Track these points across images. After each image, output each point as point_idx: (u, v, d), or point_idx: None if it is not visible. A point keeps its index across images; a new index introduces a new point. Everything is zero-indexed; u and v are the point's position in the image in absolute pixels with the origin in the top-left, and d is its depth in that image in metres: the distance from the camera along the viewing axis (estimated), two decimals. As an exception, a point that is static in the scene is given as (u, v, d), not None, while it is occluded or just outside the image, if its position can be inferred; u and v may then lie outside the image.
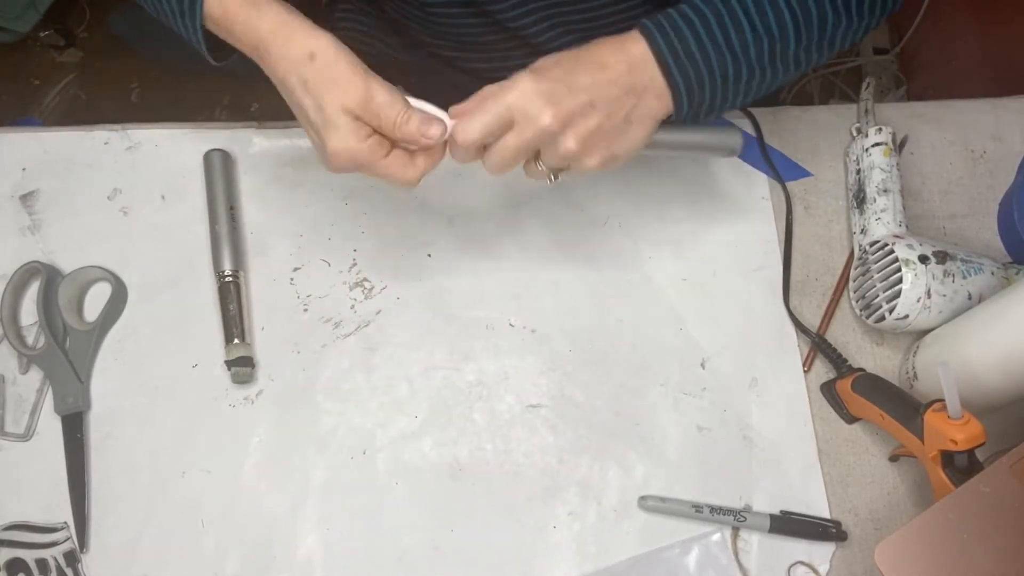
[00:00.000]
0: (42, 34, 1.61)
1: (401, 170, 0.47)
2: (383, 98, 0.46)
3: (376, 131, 0.47)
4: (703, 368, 0.60)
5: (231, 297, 0.60)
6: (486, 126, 0.47)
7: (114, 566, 0.54)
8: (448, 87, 0.79)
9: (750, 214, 0.65)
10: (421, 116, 0.47)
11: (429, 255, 0.63)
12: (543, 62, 0.49)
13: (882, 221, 0.60)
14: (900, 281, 0.55)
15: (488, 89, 0.48)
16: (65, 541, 0.55)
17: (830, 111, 0.69)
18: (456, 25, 0.68)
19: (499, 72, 0.72)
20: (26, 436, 0.58)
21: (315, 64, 0.45)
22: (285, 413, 0.59)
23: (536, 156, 0.49)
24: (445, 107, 0.49)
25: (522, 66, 0.69)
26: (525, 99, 0.46)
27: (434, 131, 0.47)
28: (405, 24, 0.73)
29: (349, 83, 0.45)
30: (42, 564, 0.54)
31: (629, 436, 0.58)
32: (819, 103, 1.53)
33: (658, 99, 0.48)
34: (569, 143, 0.46)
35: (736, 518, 0.55)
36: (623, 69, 0.47)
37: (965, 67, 1.32)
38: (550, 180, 0.50)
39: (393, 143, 0.48)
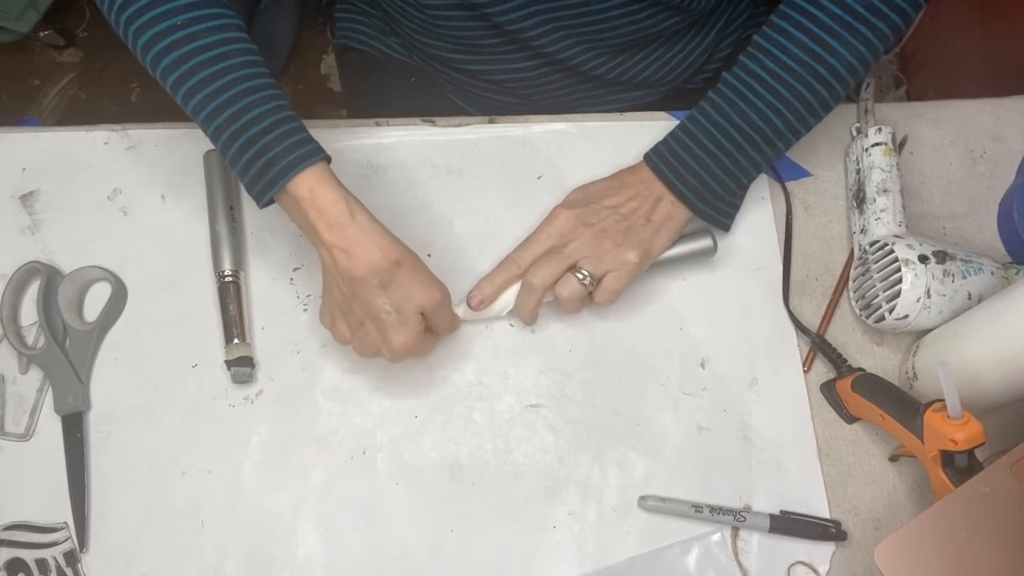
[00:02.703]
0: (42, 34, 1.61)
1: (428, 348, 0.58)
2: (448, 300, 0.55)
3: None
4: (703, 368, 0.60)
5: (231, 297, 0.60)
6: (528, 244, 0.60)
7: (114, 566, 0.54)
8: (448, 88, 0.79)
9: (750, 214, 0.65)
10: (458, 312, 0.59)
11: (429, 255, 0.63)
12: (575, 197, 0.62)
13: (882, 221, 0.60)
14: (900, 281, 0.55)
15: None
16: (65, 541, 0.55)
17: (830, 111, 0.69)
18: (456, 28, 0.68)
19: (499, 75, 0.72)
20: (26, 436, 0.58)
21: (401, 270, 0.51)
22: (285, 413, 0.59)
23: (574, 266, 0.57)
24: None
25: (521, 68, 0.73)
26: (564, 225, 0.59)
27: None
28: (405, 25, 0.73)
29: (432, 287, 0.52)
30: (42, 564, 0.54)
31: (629, 436, 0.58)
32: (819, 103, 1.53)
33: (673, 205, 0.59)
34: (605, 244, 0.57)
35: (736, 518, 0.55)
36: (641, 187, 0.60)
37: (965, 67, 1.32)
38: (591, 293, 0.58)
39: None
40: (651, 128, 0.66)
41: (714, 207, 0.60)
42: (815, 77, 0.55)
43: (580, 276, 0.56)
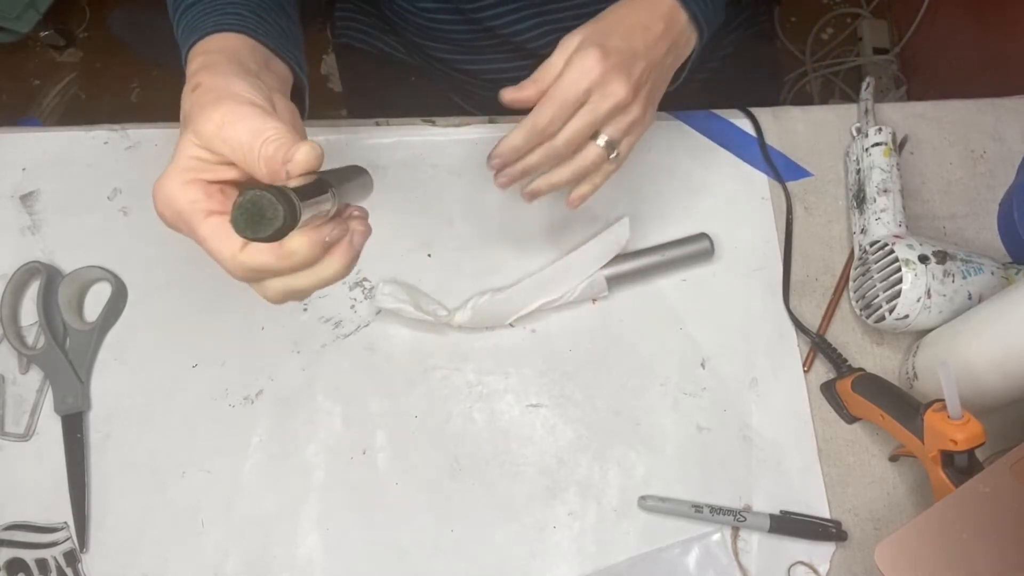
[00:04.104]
0: (42, 34, 1.61)
1: (224, 242, 0.36)
2: (251, 123, 0.37)
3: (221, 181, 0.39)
4: (703, 368, 0.60)
5: (231, 297, 0.60)
6: (561, 108, 0.46)
7: (114, 566, 0.54)
8: (447, 87, 0.79)
9: (750, 214, 0.65)
10: (290, 140, 0.36)
11: (429, 255, 0.63)
12: (594, 31, 0.48)
13: (882, 221, 0.60)
14: (900, 281, 0.55)
15: (547, 72, 0.47)
16: (65, 541, 0.55)
17: (830, 111, 0.69)
18: (450, 31, 0.68)
19: (497, 74, 0.72)
20: (26, 436, 0.58)
21: (196, 94, 0.39)
22: (285, 413, 0.59)
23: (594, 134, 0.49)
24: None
25: (519, 68, 0.69)
26: (600, 77, 0.46)
27: (302, 156, 0.35)
28: (403, 27, 0.73)
29: (214, 107, 0.37)
30: (42, 564, 0.54)
31: (629, 436, 0.58)
32: (819, 103, 1.53)
33: (687, 46, 0.52)
34: (636, 110, 0.48)
35: (736, 518, 0.55)
36: (663, 27, 0.49)
37: (965, 67, 1.32)
38: (610, 157, 0.49)
39: None
40: (651, 127, 0.66)
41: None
42: None
43: (601, 143, 0.49)
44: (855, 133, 0.66)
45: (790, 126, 0.68)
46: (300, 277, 0.37)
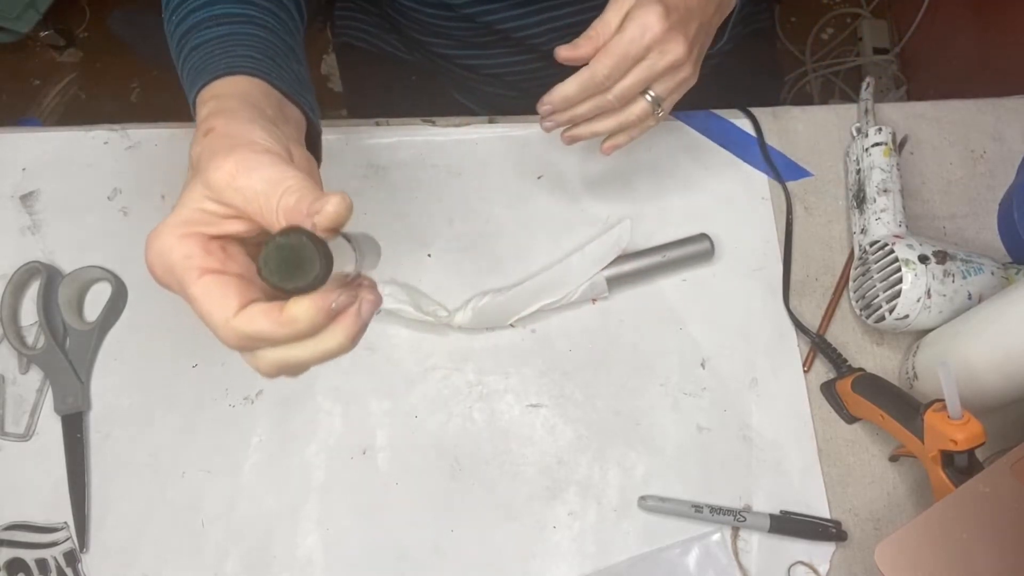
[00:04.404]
0: (42, 34, 1.61)
1: (216, 304, 0.32)
2: (269, 172, 0.33)
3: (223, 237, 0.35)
4: (703, 368, 0.60)
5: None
6: (620, 62, 0.47)
7: (114, 566, 0.54)
8: (449, 83, 0.79)
9: (750, 214, 0.65)
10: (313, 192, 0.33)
11: (429, 255, 0.63)
12: None
13: (882, 221, 0.60)
14: (900, 281, 0.55)
15: (602, 28, 0.47)
16: (65, 541, 0.55)
17: (830, 111, 0.69)
18: (452, 28, 0.68)
19: (498, 68, 0.72)
20: (26, 436, 0.58)
21: (208, 139, 0.36)
22: (285, 413, 0.59)
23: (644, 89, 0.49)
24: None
25: (522, 63, 0.68)
26: (661, 34, 0.46)
27: (332, 208, 0.31)
28: (404, 23, 0.73)
29: (227, 154, 0.34)
30: (42, 564, 0.54)
31: (629, 436, 0.58)
32: (819, 103, 1.53)
33: (729, 5, 0.52)
34: (688, 68, 0.49)
35: (736, 518, 0.55)
36: None
37: (965, 67, 1.32)
38: (656, 113, 0.50)
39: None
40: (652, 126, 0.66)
41: None
42: None
43: (649, 98, 0.50)
44: (855, 133, 0.66)
45: (790, 126, 0.68)
46: (299, 348, 0.33)
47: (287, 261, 0.29)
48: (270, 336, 0.32)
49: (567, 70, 0.69)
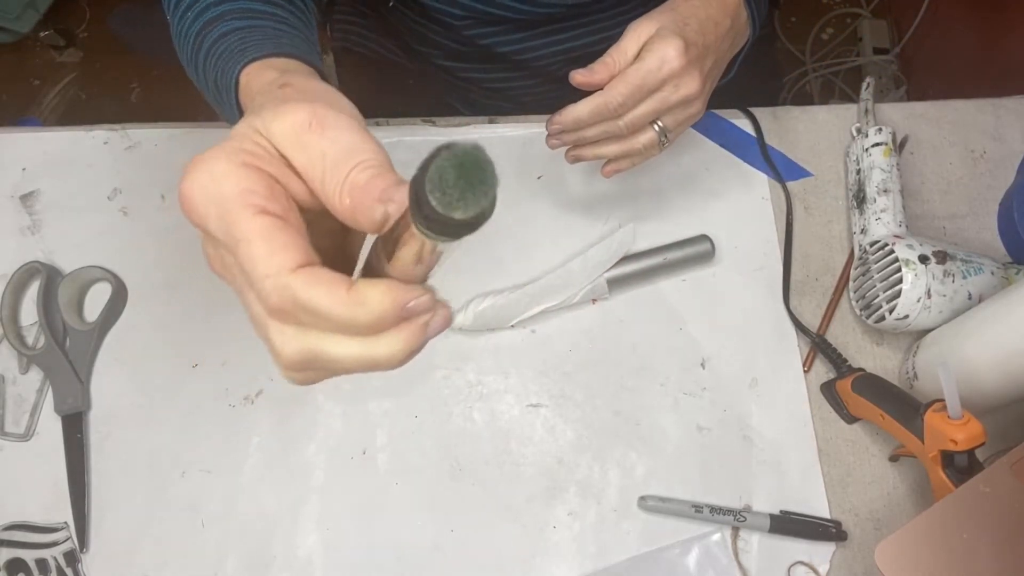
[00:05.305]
0: (42, 34, 1.61)
1: (274, 251, 0.26)
2: (347, 136, 0.28)
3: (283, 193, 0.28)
4: (703, 368, 0.60)
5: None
6: (636, 92, 0.47)
7: (114, 566, 0.54)
8: (447, 92, 0.79)
9: (750, 214, 0.65)
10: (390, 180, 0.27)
11: (429, 255, 0.63)
12: (672, 20, 0.48)
13: (882, 221, 0.60)
14: (900, 281, 0.55)
15: (618, 55, 0.48)
16: (65, 541, 0.55)
17: (830, 111, 0.69)
18: (453, 45, 0.68)
19: (501, 84, 0.72)
20: (26, 436, 0.58)
21: (283, 91, 0.33)
22: (285, 413, 0.59)
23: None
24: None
25: (517, 78, 0.67)
26: (680, 69, 0.47)
27: (386, 206, 0.27)
28: (405, 34, 0.73)
29: (302, 105, 0.28)
30: (42, 564, 0.54)
31: (629, 436, 0.58)
32: (819, 103, 1.53)
33: (741, 42, 0.53)
34: (699, 104, 0.49)
35: (736, 518, 0.55)
36: (729, 23, 0.51)
37: (965, 67, 1.32)
38: (662, 143, 0.51)
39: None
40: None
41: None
42: None
43: (657, 129, 0.50)
44: (855, 133, 0.66)
45: (790, 126, 0.68)
46: (342, 344, 0.27)
47: (467, 176, 0.21)
48: (324, 311, 0.25)
49: (569, 90, 0.70)
